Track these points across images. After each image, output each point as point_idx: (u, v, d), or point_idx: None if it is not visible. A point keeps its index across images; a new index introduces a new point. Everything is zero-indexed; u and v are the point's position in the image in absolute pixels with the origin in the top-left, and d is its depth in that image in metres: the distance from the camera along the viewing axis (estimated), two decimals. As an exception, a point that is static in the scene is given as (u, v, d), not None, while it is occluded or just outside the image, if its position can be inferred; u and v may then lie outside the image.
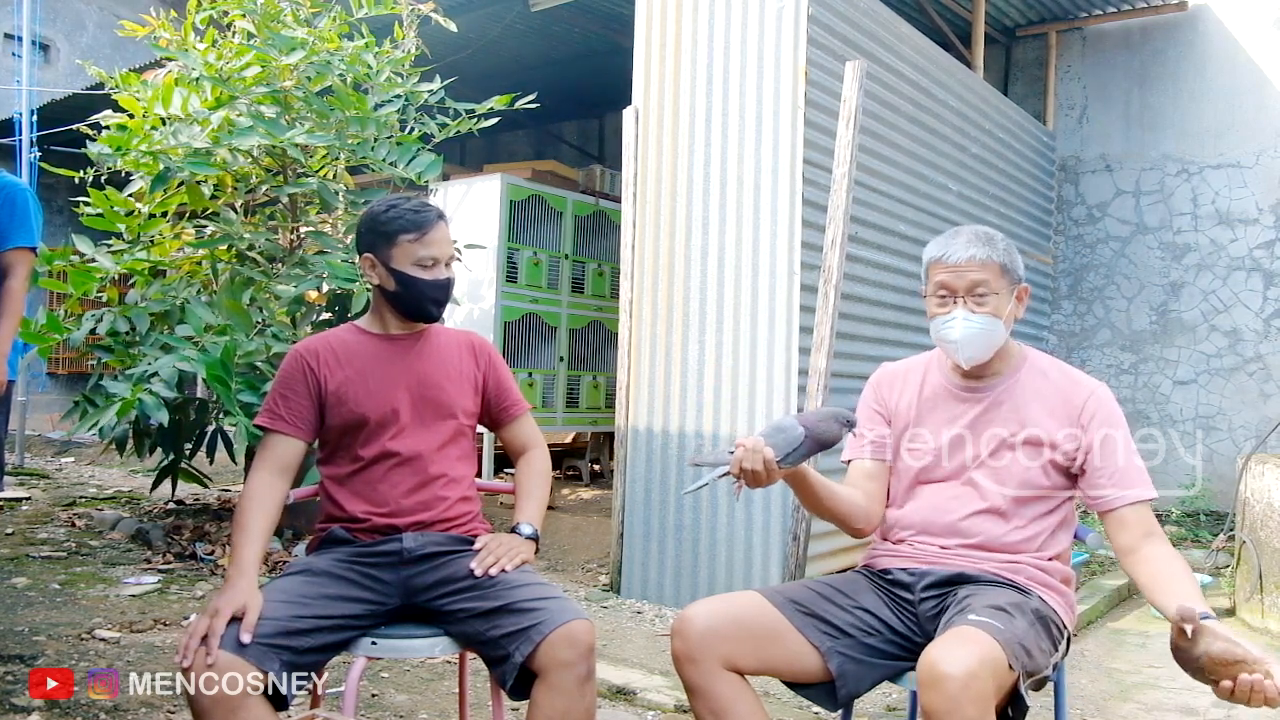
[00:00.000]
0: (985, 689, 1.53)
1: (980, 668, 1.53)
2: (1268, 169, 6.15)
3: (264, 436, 2.03)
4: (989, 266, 1.86)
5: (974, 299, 1.86)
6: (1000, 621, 1.66)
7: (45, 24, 11.04)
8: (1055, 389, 1.90)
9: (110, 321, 4.39)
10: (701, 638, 1.76)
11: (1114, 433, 1.85)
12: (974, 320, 1.86)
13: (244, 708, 1.64)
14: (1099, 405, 1.87)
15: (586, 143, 9.67)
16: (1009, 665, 1.59)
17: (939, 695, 1.53)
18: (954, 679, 1.52)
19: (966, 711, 1.50)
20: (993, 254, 1.87)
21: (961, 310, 1.87)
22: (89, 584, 4.06)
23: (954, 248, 1.88)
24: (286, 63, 4.27)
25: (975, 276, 1.86)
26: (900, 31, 4.69)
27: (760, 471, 1.73)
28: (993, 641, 1.59)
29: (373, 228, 2.05)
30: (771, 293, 3.98)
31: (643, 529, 4.25)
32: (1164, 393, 6.43)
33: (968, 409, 1.94)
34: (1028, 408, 1.89)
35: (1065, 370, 1.95)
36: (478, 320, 6.02)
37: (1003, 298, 1.87)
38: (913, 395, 2.01)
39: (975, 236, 1.89)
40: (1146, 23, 6.61)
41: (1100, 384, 1.92)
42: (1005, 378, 1.93)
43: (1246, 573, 4.23)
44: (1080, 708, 3.12)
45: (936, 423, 1.96)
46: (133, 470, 7.43)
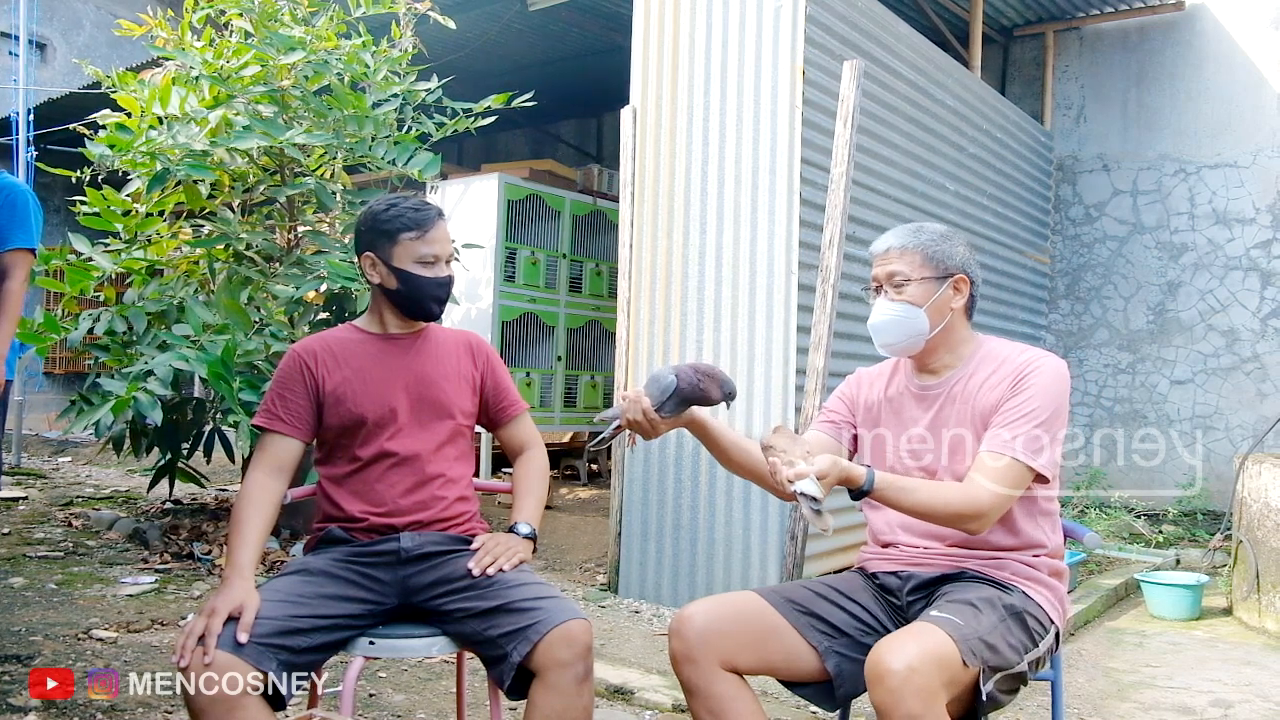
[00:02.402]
0: (929, 683, 1.52)
1: (922, 662, 1.53)
2: (1264, 169, 6.15)
3: (261, 436, 2.03)
4: (906, 255, 1.87)
5: (893, 288, 1.88)
6: (961, 617, 1.66)
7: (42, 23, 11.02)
8: (1004, 370, 1.85)
9: (108, 321, 4.39)
10: (699, 637, 1.76)
11: (1028, 396, 1.78)
12: (890, 307, 1.87)
13: (241, 707, 1.63)
14: (1032, 371, 1.81)
15: (584, 142, 9.66)
16: (963, 661, 1.58)
17: (880, 689, 1.54)
18: (895, 673, 1.52)
19: (909, 706, 1.51)
20: (912, 243, 1.88)
21: (881, 299, 1.89)
22: (86, 584, 4.05)
23: (877, 241, 1.92)
24: (284, 62, 4.27)
25: (892, 266, 1.88)
26: (898, 31, 4.69)
27: (642, 421, 1.79)
28: (943, 636, 1.59)
29: (373, 226, 2.05)
30: (769, 292, 3.98)
31: (640, 528, 4.25)
32: (1161, 392, 6.44)
33: (925, 410, 1.92)
34: (980, 399, 1.85)
35: (1017, 349, 1.89)
36: (475, 320, 6.01)
37: (925, 285, 1.86)
38: (879, 395, 2.01)
39: (901, 229, 1.91)
40: (1144, 23, 6.62)
41: (1049, 357, 1.85)
42: (958, 370, 1.91)
43: (1243, 572, 4.23)
44: (1077, 707, 3.12)
45: (900, 426, 1.95)
46: (130, 470, 7.42)
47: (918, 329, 1.87)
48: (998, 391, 1.82)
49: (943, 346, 1.91)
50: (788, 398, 3.89)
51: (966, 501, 1.73)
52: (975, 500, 1.73)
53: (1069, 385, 1.85)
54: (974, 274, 1.92)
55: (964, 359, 1.92)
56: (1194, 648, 3.88)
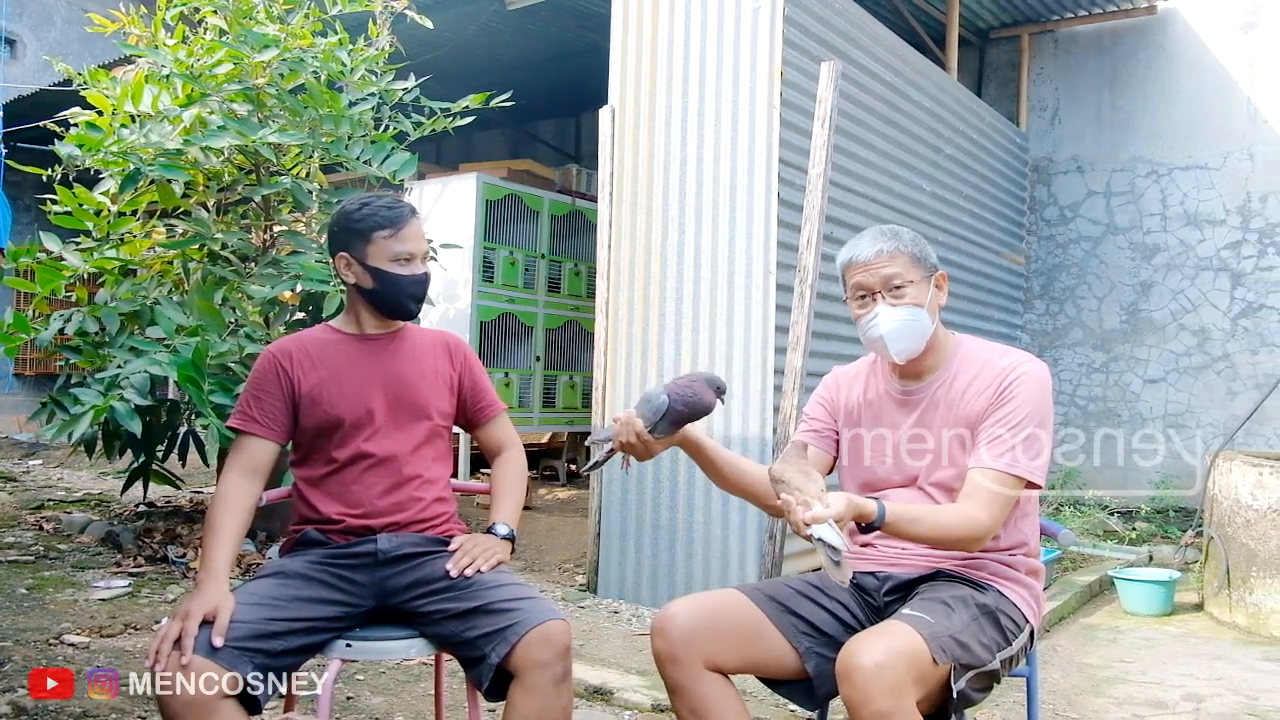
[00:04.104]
0: (897, 679, 1.53)
1: (890, 658, 1.54)
2: (1234, 171, 6.24)
3: (236, 438, 2.01)
4: (898, 258, 1.86)
5: (891, 293, 1.85)
6: (932, 615, 1.66)
7: (12, 19, 10.86)
8: (987, 375, 1.85)
9: (79, 321, 4.32)
10: (683, 637, 1.76)
11: (1015, 407, 1.79)
12: (896, 312, 1.85)
13: (216, 712, 1.62)
14: (1016, 379, 1.81)
15: (563, 142, 9.65)
16: (933, 658, 1.59)
17: (849, 686, 1.55)
18: (863, 670, 1.53)
19: (878, 703, 1.52)
20: (899, 246, 1.87)
21: (882, 306, 1.86)
22: (57, 588, 4.00)
23: (861, 247, 1.89)
24: (259, 60, 4.23)
25: (888, 270, 1.85)
26: (875, 33, 4.71)
27: (635, 443, 1.78)
28: (912, 633, 1.60)
29: (346, 226, 2.03)
30: (748, 292, 3.99)
31: (619, 529, 4.25)
32: (1134, 391, 6.52)
33: (908, 414, 1.91)
34: (964, 403, 1.85)
35: (997, 350, 1.90)
36: (453, 320, 5.99)
37: (920, 286, 1.86)
38: (858, 398, 2.00)
39: (880, 233, 1.90)
40: (1117, 26, 6.69)
41: (1029, 360, 1.85)
42: (940, 373, 1.90)
43: (1214, 568, 4.29)
44: (1052, 702, 3.15)
45: (881, 430, 1.94)
46: (103, 473, 7.32)
47: (925, 330, 1.87)
48: (983, 400, 1.82)
49: (931, 349, 1.90)
50: (766, 397, 3.90)
51: (967, 527, 1.73)
52: (976, 524, 1.73)
53: (1051, 389, 1.86)
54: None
55: (944, 360, 1.91)
56: (1166, 643, 3.93)
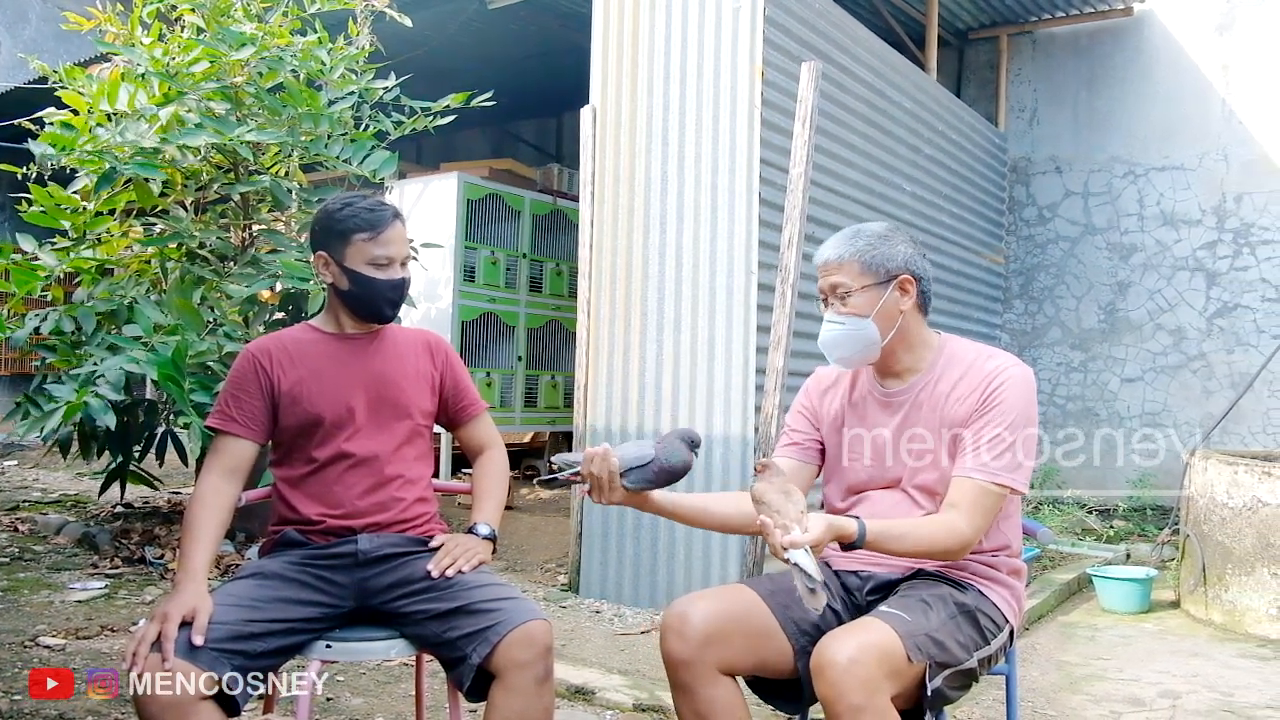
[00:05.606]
0: (870, 675, 1.54)
1: (863, 654, 1.55)
2: (1210, 171, 6.31)
3: (215, 438, 2.00)
4: (845, 266, 1.85)
5: (838, 300, 1.86)
6: (909, 613, 1.67)
7: (-14, 16, 10.73)
8: (972, 378, 1.82)
9: (55, 321, 4.27)
10: (701, 639, 1.74)
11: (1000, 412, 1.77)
12: (836, 321, 1.86)
13: (195, 713, 1.61)
14: (1001, 384, 1.79)
15: (544, 141, 9.63)
16: (907, 656, 1.59)
17: (823, 682, 1.56)
18: (836, 665, 1.54)
19: (852, 698, 1.52)
20: (847, 252, 1.85)
21: (828, 313, 1.87)
22: (33, 590, 3.95)
23: (820, 251, 1.89)
24: (237, 58, 4.20)
25: (833, 279, 1.86)
26: (855, 33, 4.74)
27: (603, 478, 1.75)
28: (887, 630, 1.60)
29: (327, 226, 2.02)
30: (729, 292, 4.00)
31: (601, 529, 4.25)
32: (1112, 390, 6.58)
33: (891, 415, 1.90)
34: (948, 406, 1.83)
35: (983, 353, 1.87)
36: (435, 320, 5.97)
37: (868, 294, 1.83)
38: (842, 400, 1.98)
39: (840, 237, 1.89)
40: (1095, 27, 6.75)
41: (1014, 365, 1.82)
42: (924, 374, 1.88)
43: (1190, 566, 4.33)
44: (1031, 700, 3.18)
45: (865, 432, 1.94)
46: (79, 473, 7.25)
47: (869, 339, 1.85)
48: (967, 404, 1.80)
49: (901, 349, 1.88)
50: (747, 397, 3.91)
51: (949, 539, 1.72)
52: (958, 536, 1.73)
53: (1035, 393, 1.85)
54: (920, 271, 1.88)
55: (928, 361, 1.89)
56: (1144, 640, 3.97)
